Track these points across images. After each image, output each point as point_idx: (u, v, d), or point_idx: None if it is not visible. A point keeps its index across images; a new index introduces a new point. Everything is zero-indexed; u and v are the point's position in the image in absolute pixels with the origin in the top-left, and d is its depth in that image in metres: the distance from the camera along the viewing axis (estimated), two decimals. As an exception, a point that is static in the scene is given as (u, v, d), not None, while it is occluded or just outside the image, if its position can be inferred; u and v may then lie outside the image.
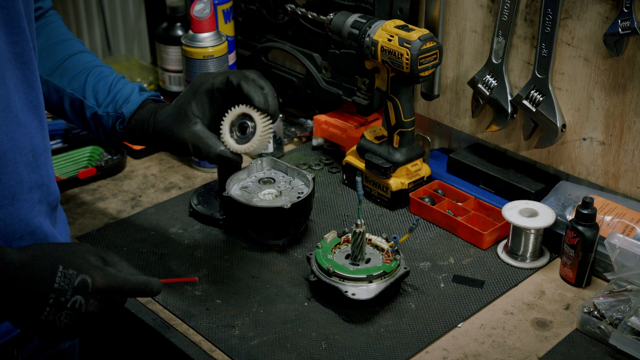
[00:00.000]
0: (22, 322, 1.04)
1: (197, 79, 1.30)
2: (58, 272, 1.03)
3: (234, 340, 1.25)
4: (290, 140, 1.83)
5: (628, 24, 1.30)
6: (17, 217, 1.12)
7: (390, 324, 1.28)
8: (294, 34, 1.82)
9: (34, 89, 1.14)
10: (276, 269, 1.41)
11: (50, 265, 1.04)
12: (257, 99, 1.24)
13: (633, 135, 1.38)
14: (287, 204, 1.39)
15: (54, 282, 1.03)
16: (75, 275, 1.04)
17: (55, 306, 1.03)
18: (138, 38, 2.31)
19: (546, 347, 1.24)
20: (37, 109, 1.15)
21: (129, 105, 1.32)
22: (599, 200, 1.40)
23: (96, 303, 1.06)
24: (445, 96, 1.64)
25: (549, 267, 1.42)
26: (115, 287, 1.07)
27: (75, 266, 1.05)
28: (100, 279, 1.06)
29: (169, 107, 1.31)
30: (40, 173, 1.15)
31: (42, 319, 1.03)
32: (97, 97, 1.33)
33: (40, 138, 1.16)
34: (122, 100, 1.32)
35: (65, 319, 1.04)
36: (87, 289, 1.05)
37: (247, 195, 1.44)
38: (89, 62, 1.37)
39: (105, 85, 1.34)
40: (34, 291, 1.02)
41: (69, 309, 1.04)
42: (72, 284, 1.04)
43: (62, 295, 1.03)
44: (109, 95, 1.33)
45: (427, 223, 1.53)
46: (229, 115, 1.26)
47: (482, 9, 1.52)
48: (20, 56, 1.10)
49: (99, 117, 1.33)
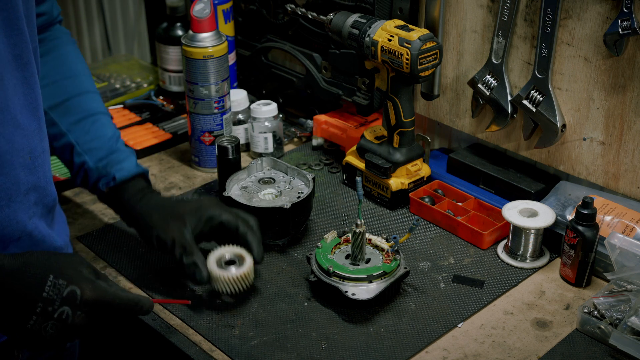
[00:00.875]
0: (7, 329, 1.04)
1: (207, 201, 1.34)
2: (48, 282, 1.03)
3: (234, 340, 1.25)
4: (290, 140, 1.83)
5: (628, 24, 1.30)
6: (14, 218, 1.12)
7: (390, 324, 1.28)
8: (294, 34, 1.82)
9: (33, 90, 1.13)
10: (276, 269, 1.40)
11: (41, 273, 1.03)
12: (258, 254, 1.30)
13: (633, 135, 1.38)
14: (287, 204, 1.39)
15: (43, 291, 1.02)
16: (65, 286, 1.03)
17: (42, 315, 1.02)
18: (138, 38, 2.31)
19: (546, 347, 1.24)
20: (36, 111, 1.15)
21: (123, 172, 1.33)
22: (599, 200, 1.40)
23: (83, 315, 1.05)
24: (445, 96, 1.64)
25: (549, 267, 1.42)
26: (104, 301, 1.06)
27: (66, 276, 1.04)
28: (89, 292, 1.05)
29: (163, 198, 1.36)
30: (37, 175, 1.15)
31: (28, 328, 1.02)
32: (91, 149, 1.33)
33: (38, 140, 1.16)
34: (116, 162, 1.33)
35: (51, 329, 1.03)
36: (76, 301, 1.04)
37: (247, 195, 1.44)
38: (93, 108, 1.36)
39: (103, 140, 1.34)
40: (22, 298, 1.01)
41: (56, 319, 1.03)
42: (61, 294, 1.03)
43: (50, 305, 1.02)
44: (104, 152, 1.33)
45: (427, 223, 1.53)
46: (231, 248, 1.30)
47: (482, 9, 1.52)
48: (20, 58, 1.10)
49: (88, 169, 1.33)
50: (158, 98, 1.99)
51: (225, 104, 1.67)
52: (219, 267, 1.28)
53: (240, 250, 1.31)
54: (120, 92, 2.01)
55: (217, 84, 1.63)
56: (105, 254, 1.44)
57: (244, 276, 1.28)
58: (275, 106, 1.74)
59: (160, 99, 1.99)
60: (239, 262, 1.30)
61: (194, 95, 1.64)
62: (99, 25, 2.32)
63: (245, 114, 1.78)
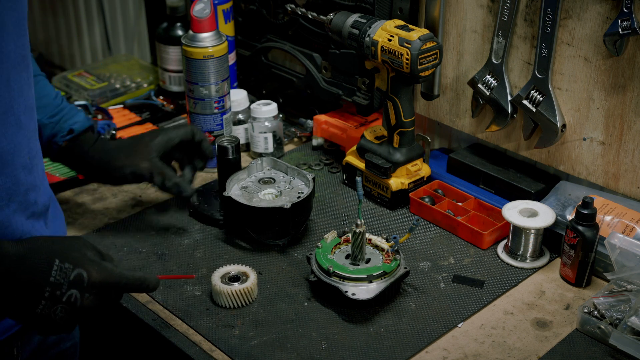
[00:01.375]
0: (17, 314, 1.05)
1: (159, 130, 1.49)
2: (54, 266, 1.03)
3: (234, 340, 1.25)
4: (290, 140, 1.83)
5: (628, 24, 1.30)
6: (13, 218, 1.12)
7: (390, 324, 1.28)
8: (294, 34, 1.82)
9: (31, 91, 1.14)
10: (276, 269, 1.41)
11: (47, 258, 1.04)
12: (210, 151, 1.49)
13: (633, 135, 1.38)
14: (287, 204, 1.39)
15: (50, 276, 1.03)
16: (71, 269, 1.04)
17: (50, 300, 1.03)
18: (138, 38, 2.31)
19: (546, 347, 1.24)
20: (32, 111, 1.15)
21: (78, 125, 1.41)
22: (599, 200, 1.40)
23: (91, 297, 1.06)
24: (445, 96, 1.64)
25: (549, 267, 1.42)
26: (111, 282, 1.07)
27: (71, 260, 1.05)
28: (96, 274, 1.06)
29: (118, 140, 1.49)
30: (34, 175, 1.15)
31: (38, 312, 1.03)
32: (40, 107, 1.36)
33: (34, 139, 1.16)
34: (68, 117, 1.41)
35: (61, 312, 1.04)
36: (83, 283, 1.05)
37: (247, 195, 1.44)
38: (33, 70, 1.36)
39: (50, 97, 1.40)
40: (30, 283, 1.02)
41: (64, 302, 1.04)
42: (68, 277, 1.04)
43: (58, 289, 1.03)
44: (54, 109, 1.40)
45: (427, 223, 1.53)
46: (236, 267, 1.35)
47: (482, 9, 1.52)
48: (25, 59, 1.10)
49: (42, 125, 1.39)
50: (158, 98, 1.99)
51: (225, 104, 1.67)
52: (223, 283, 1.31)
53: (245, 268, 1.34)
54: (120, 92, 2.01)
55: (217, 84, 1.63)
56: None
57: (246, 291, 1.30)
58: (275, 106, 1.74)
59: (160, 99, 1.99)
60: (243, 279, 1.32)
61: (194, 95, 1.64)
62: (99, 25, 2.32)
63: (245, 114, 1.78)
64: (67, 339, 1.36)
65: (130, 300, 1.34)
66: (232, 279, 1.33)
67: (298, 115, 1.90)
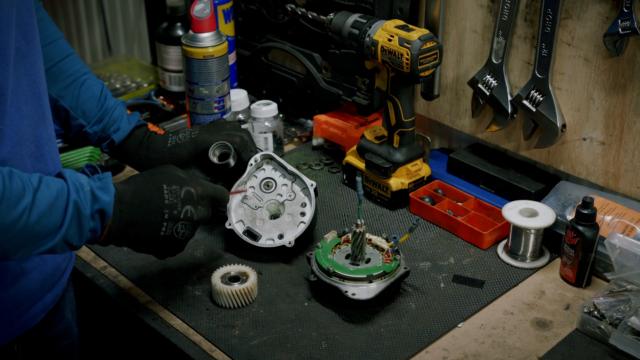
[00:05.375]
0: (144, 244, 1.16)
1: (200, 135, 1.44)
2: (164, 190, 1.15)
3: (234, 340, 1.25)
4: (290, 140, 1.83)
5: (628, 24, 1.30)
6: None
7: (390, 324, 1.28)
8: (294, 34, 1.82)
9: (35, 80, 1.14)
10: (276, 269, 1.41)
11: (155, 186, 1.15)
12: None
13: (633, 135, 1.38)
14: (291, 241, 1.39)
15: (164, 199, 1.15)
16: (179, 189, 1.17)
17: (171, 220, 1.15)
18: (138, 38, 2.31)
19: (546, 347, 1.24)
20: (39, 100, 1.15)
21: (119, 134, 1.42)
22: (599, 200, 1.40)
23: (202, 209, 1.19)
24: (445, 96, 1.64)
25: (549, 267, 1.42)
26: (209, 194, 1.21)
27: (176, 181, 1.17)
28: (199, 188, 1.19)
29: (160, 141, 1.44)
30: (46, 162, 1.17)
31: (162, 235, 1.15)
32: (85, 112, 1.39)
33: (43, 128, 1.17)
34: (111, 123, 1.41)
35: (182, 229, 1.17)
36: (193, 197, 1.18)
37: (250, 217, 1.44)
38: (78, 71, 1.40)
39: (94, 101, 1.40)
40: (149, 211, 1.13)
41: (183, 219, 1.16)
42: (179, 196, 1.16)
43: (174, 209, 1.15)
44: (98, 114, 1.40)
45: (427, 223, 1.53)
46: (236, 267, 1.35)
47: (482, 9, 1.52)
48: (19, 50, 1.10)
49: (86, 133, 1.41)
50: (158, 98, 1.99)
51: (225, 104, 1.67)
52: (223, 283, 1.31)
53: (245, 268, 1.35)
54: (121, 92, 2.01)
55: (217, 84, 1.63)
56: (105, 254, 1.44)
57: (246, 291, 1.31)
58: (275, 106, 1.74)
59: (161, 98, 1.99)
60: (243, 279, 1.33)
61: (194, 95, 1.64)
62: (99, 25, 2.32)
63: (245, 114, 1.78)
64: (66, 338, 1.35)
65: (130, 300, 1.34)
66: (232, 279, 1.33)
67: (298, 115, 1.90)
